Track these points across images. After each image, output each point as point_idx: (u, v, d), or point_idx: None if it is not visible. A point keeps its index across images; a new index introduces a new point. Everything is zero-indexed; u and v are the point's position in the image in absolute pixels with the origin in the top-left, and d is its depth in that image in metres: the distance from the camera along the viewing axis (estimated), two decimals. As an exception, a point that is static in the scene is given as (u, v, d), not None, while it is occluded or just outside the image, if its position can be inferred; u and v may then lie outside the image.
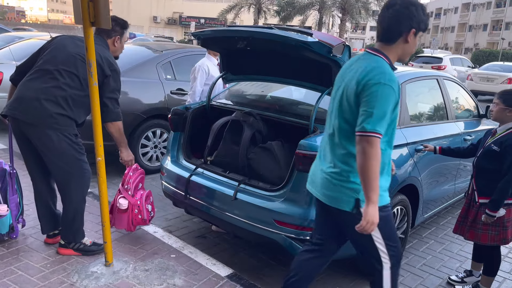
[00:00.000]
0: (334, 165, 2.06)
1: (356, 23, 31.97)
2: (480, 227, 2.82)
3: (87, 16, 2.32)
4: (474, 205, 2.87)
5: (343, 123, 2.00)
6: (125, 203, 3.06)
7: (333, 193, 2.05)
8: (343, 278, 3.12)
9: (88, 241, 2.99)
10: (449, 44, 66.04)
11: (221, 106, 3.50)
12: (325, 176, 2.09)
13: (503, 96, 2.81)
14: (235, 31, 2.98)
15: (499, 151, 2.72)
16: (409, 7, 1.94)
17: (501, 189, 2.68)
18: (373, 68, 1.90)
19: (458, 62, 18.55)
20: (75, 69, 2.69)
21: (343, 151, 2.02)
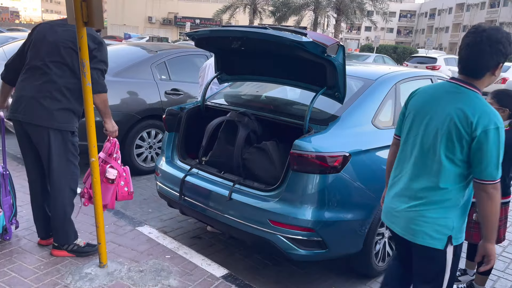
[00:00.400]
0: (422, 199, 1.95)
1: (351, 23, 32.02)
2: (472, 226, 2.84)
3: (80, 16, 2.30)
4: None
5: (447, 163, 1.87)
6: (114, 173, 2.92)
7: (421, 228, 1.95)
8: (338, 278, 3.12)
9: (81, 242, 2.98)
10: (444, 44, 66.34)
11: (215, 106, 3.49)
12: (409, 210, 1.98)
13: (497, 96, 2.82)
14: (229, 31, 2.98)
15: None
16: (497, 44, 1.82)
17: None
18: (484, 111, 1.81)
19: (453, 62, 18.63)
20: (60, 57, 2.68)
21: (441, 187, 1.90)
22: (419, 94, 2.07)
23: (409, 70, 3.84)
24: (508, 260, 3.60)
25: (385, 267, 3.20)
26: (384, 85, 3.22)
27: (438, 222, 1.92)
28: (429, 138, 1.91)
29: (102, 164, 2.93)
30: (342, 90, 2.82)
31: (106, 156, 2.98)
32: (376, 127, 3.00)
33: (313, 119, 2.81)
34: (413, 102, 2.06)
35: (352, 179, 2.70)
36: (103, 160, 2.96)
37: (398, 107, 3.26)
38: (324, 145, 2.64)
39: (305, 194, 2.61)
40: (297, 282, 3.03)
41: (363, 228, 2.83)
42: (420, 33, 75.43)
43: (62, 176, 2.80)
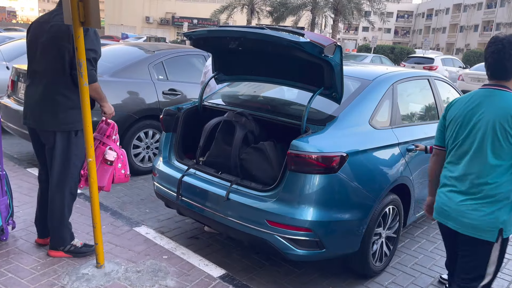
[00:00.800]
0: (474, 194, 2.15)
1: (349, 23, 32.08)
2: None
3: (77, 16, 2.30)
4: None
5: (496, 159, 2.09)
6: (114, 155, 2.91)
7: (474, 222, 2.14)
8: (335, 278, 3.12)
9: (78, 242, 2.97)
10: (441, 44, 66.51)
11: (213, 107, 3.49)
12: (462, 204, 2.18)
13: None
14: (227, 31, 2.97)
15: None
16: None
17: None
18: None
19: (450, 63, 18.72)
20: (54, 57, 2.67)
21: (491, 182, 2.10)
22: (457, 104, 2.28)
23: (406, 70, 3.85)
24: (505, 260, 3.61)
25: (382, 267, 3.21)
26: (381, 85, 3.22)
27: (490, 215, 2.10)
28: (476, 139, 2.14)
29: (101, 146, 2.93)
30: (339, 90, 2.82)
31: (104, 137, 2.96)
32: (374, 127, 3.00)
33: (310, 119, 2.81)
34: (452, 112, 2.28)
35: (350, 179, 2.70)
36: (102, 142, 2.95)
37: (395, 107, 3.27)
38: (321, 145, 2.64)
39: (303, 194, 2.61)
40: (294, 282, 3.03)
41: (360, 228, 2.83)
42: (418, 34, 75.59)
43: (63, 178, 2.80)
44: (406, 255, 3.58)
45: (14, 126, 4.80)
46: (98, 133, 2.97)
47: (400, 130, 3.23)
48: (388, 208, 3.07)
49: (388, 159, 3.04)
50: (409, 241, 3.84)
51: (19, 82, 4.93)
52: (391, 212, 3.13)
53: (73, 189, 2.88)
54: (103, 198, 4.07)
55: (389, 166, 3.04)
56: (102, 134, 2.97)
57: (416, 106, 3.87)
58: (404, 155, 3.16)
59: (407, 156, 3.19)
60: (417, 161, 3.33)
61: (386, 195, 2.99)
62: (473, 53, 32.49)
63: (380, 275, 3.20)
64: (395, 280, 3.16)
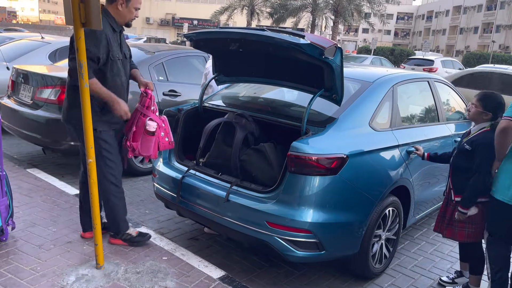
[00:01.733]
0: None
1: (349, 25, 32.11)
2: (456, 225, 2.88)
3: (78, 17, 2.30)
4: (451, 203, 2.92)
5: None
6: (154, 125, 2.99)
7: None
8: (335, 279, 3.12)
9: (134, 231, 3.16)
10: (441, 46, 66.58)
11: (213, 108, 3.49)
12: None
13: (483, 100, 2.82)
14: (227, 32, 2.98)
15: (470, 150, 2.78)
16: None
17: (471, 187, 2.73)
18: None
19: (449, 65, 18.72)
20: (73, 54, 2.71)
21: None
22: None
23: (406, 72, 3.85)
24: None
25: (382, 269, 3.21)
26: (381, 87, 3.23)
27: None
28: None
29: (141, 117, 3.00)
30: (339, 92, 2.83)
31: (144, 109, 3.01)
32: (374, 129, 3.00)
33: (310, 120, 2.81)
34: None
35: (350, 181, 2.71)
36: (142, 113, 3.01)
37: (395, 109, 3.27)
38: (321, 147, 2.64)
39: (303, 196, 2.61)
40: (294, 283, 3.03)
41: (360, 230, 2.83)
42: (417, 35, 75.66)
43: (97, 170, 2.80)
44: (406, 257, 3.58)
45: (14, 127, 4.79)
46: (139, 104, 3.05)
47: (400, 132, 3.23)
48: (388, 210, 3.07)
49: (388, 161, 3.04)
50: (408, 243, 3.84)
51: (19, 83, 4.93)
52: (391, 214, 3.13)
53: (112, 178, 2.99)
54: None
55: (389, 168, 3.04)
56: (142, 105, 3.03)
57: (416, 108, 3.87)
58: (404, 157, 3.16)
59: (407, 158, 3.19)
60: (417, 163, 3.33)
61: (386, 196, 2.99)
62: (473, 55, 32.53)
63: (379, 277, 3.20)
64: (395, 282, 3.16)
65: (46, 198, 3.90)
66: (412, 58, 19.78)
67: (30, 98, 4.68)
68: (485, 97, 2.85)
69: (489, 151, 2.67)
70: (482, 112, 2.81)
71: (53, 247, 3.03)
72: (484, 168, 2.70)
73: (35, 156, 5.42)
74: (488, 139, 2.70)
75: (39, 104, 4.55)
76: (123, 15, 2.88)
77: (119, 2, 2.83)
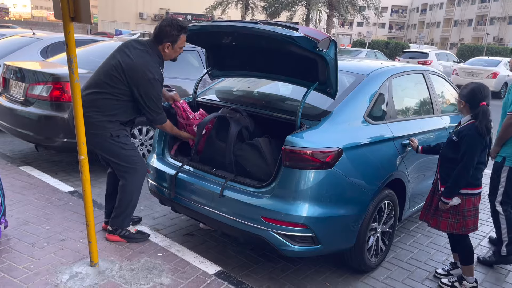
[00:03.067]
0: None
1: (343, 19, 32.00)
2: (441, 215, 2.93)
3: (67, 11, 2.26)
4: (437, 193, 2.96)
5: None
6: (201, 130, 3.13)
7: None
8: (331, 273, 3.12)
9: (133, 229, 3.15)
10: (435, 39, 66.64)
11: (207, 103, 3.46)
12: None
13: (461, 91, 2.91)
14: (220, 26, 2.94)
15: (457, 141, 2.82)
16: None
17: (455, 176, 2.78)
18: None
19: (444, 57, 18.74)
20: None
21: None
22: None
23: (401, 65, 3.83)
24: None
25: (378, 262, 3.21)
26: (376, 80, 3.21)
27: None
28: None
29: (188, 128, 3.22)
30: (334, 85, 2.80)
31: (186, 121, 3.20)
32: (368, 122, 2.99)
33: (305, 114, 2.79)
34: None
35: (345, 175, 2.69)
36: (186, 124, 3.21)
37: (390, 102, 3.25)
38: (316, 141, 2.62)
39: (298, 190, 2.59)
40: (290, 278, 3.02)
41: (356, 224, 2.82)
42: (412, 28, 75.67)
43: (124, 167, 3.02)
44: (402, 249, 3.58)
45: (6, 124, 4.74)
46: (180, 118, 3.24)
47: (395, 125, 3.22)
48: (384, 203, 3.06)
49: (383, 154, 3.03)
50: (404, 236, 3.85)
51: (11, 80, 4.87)
52: (386, 207, 3.13)
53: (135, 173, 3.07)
54: (97, 196, 4.04)
55: (384, 161, 3.03)
56: (183, 118, 3.21)
57: (411, 100, 3.86)
58: (399, 150, 3.15)
59: (402, 151, 3.18)
60: (413, 156, 3.32)
61: (382, 190, 2.98)
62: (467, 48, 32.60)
63: (376, 270, 3.20)
64: (391, 275, 3.16)
65: (39, 195, 3.86)
66: (407, 51, 19.77)
67: (21, 95, 4.62)
68: (463, 88, 2.92)
69: (474, 142, 2.71)
70: (460, 101, 2.89)
71: (46, 245, 3.01)
72: (468, 158, 2.72)
73: (28, 154, 5.37)
74: (472, 130, 2.73)
75: (31, 101, 4.49)
76: (169, 55, 3.02)
77: (166, 45, 2.95)
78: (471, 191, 2.85)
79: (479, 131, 2.72)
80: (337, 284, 3.00)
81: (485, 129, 2.72)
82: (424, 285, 3.07)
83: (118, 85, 2.84)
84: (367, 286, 3.00)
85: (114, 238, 3.13)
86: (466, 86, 2.89)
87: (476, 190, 2.87)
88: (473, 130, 2.74)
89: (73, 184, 4.27)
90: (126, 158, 2.99)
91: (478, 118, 2.75)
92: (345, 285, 2.99)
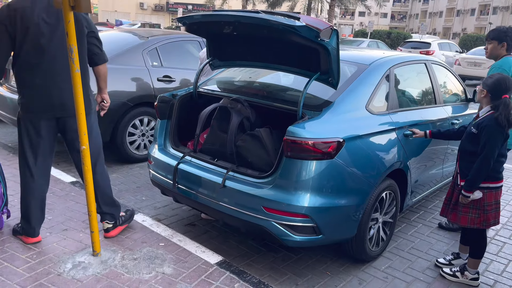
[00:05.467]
0: None
1: (345, 8, 31.77)
2: (460, 209, 2.87)
3: (67, 0, 2.24)
4: (457, 188, 2.92)
5: None
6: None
7: None
8: (332, 263, 3.13)
9: (121, 213, 3.16)
10: (437, 29, 66.16)
11: (208, 93, 3.45)
12: None
13: (485, 81, 2.82)
14: (221, 15, 2.92)
15: (477, 133, 2.77)
16: None
17: (475, 169, 2.73)
18: None
19: (446, 47, 18.62)
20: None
21: None
22: None
23: (403, 55, 3.80)
24: (501, 244, 3.64)
25: (379, 252, 3.22)
26: (378, 70, 3.19)
27: None
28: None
29: None
30: (335, 75, 2.79)
31: None
32: (370, 112, 2.98)
33: (306, 105, 2.78)
34: None
35: (346, 165, 2.69)
36: None
37: (392, 92, 3.24)
38: (317, 131, 2.62)
39: (299, 180, 2.60)
40: (292, 267, 3.04)
41: (357, 214, 2.83)
42: (414, 18, 75.10)
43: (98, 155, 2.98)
44: (403, 239, 3.59)
45: (7, 115, 4.74)
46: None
47: (397, 115, 3.21)
48: (385, 193, 3.06)
49: (385, 144, 3.02)
50: (405, 226, 3.86)
51: (11, 70, 4.85)
52: (387, 197, 3.13)
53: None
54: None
55: (386, 151, 3.02)
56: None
57: (413, 90, 3.84)
58: (401, 140, 3.14)
59: (403, 141, 3.17)
60: (414, 146, 3.32)
61: (383, 180, 2.99)
62: (469, 37, 32.34)
63: (377, 259, 3.21)
64: (392, 265, 3.18)
65: (41, 186, 3.86)
66: (409, 41, 19.63)
67: (22, 86, 4.60)
68: (487, 78, 2.84)
69: (494, 133, 2.67)
70: (482, 90, 2.81)
71: (49, 235, 3.02)
72: (488, 151, 2.69)
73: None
74: (492, 121, 2.68)
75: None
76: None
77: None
78: (492, 185, 2.80)
79: (499, 122, 2.66)
80: (338, 273, 3.01)
81: (505, 120, 2.65)
82: (425, 275, 3.09)
83: None
84: (368, 275, 3.01)
85: (117, 231, 3.08)
86: (492, 76, 2.81)
87: (497, 183, 2.82)
88: (493, 121, 2.68)
89: (75, 175, 4.28)
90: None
91: (498, 109, 2.68)
92: (346, 274, 3.01)
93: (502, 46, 3.41)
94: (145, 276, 2.62)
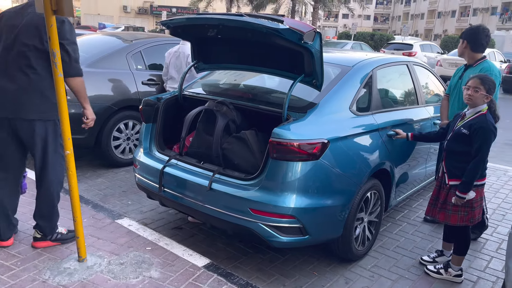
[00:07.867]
0: None
1: (329, 11, 32.07)
2: (450, 209, 2.92)
3: (49, 4, 2.22)
4: (445, 187, 2.96)
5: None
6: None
7: None
8: (319, 263, 3.16)
9: (63, 229, 3.00)
10: (419, 30, 67.15)
11: (193, 96, 3.45)
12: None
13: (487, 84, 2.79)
14: (205, 18, 2.93)
15: (468, 134, 2.80)
16: None
17: (472, 171, 2.77)
18: None
19: (428, 48, 18.95)
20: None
21: None
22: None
23: (386, 56, 3.87)
24: (484, 241, 3.71)
25: (365, 251, 3.26)
26: (361, 71, 3.24)
27: None
28: None
29: None
30: (319, 77, 2.82)
31: None
32: (354, 114, 3.02)
33: (291, 106, 2.81)
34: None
35: (331, 166, 2.72)
36: None
37: (375, 93, 3.29)
38: (303, 133, 2.64)
39: (285, 181, 2.62)
40: (279, 268, 3.05)
41: (342, 214, 2.86)
42: (397, 20, 76.13)
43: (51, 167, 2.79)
44: (388, 238, 3.64)
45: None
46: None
47: (380, 116, 3.26)
48: (370, 193, 3.10)
49: (369, 145, 3.07)
50: (390, 225, 3.91)
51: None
52: (372, 197, 3.17)
53: (61, 177, 2.89)
54: (84, 191, 4.01)
55: (370, 151, 3.07)
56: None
57: (396, 91, 3.91)
58: (384, 140, 3.19)
59: (387, 141, 3.22)
60: (398, 146, 3.37)
61: (368, 180, 3.03)
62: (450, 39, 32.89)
63: (363, 259, 3.25)
64: (378, 263, 3.22)
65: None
66: (392, 43, 19.94)
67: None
68: (486, 79, 2.82)
69: (489, 135, 2.72)
70: (485, 95, 2.80)
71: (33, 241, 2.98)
72: (484, 152, 2.75)
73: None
74: (486, 123, 2.74)
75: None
76: None
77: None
78: (479, 182, 2.86)
79: (492, 121, 2.73)
80: (325, 273, 3.04)
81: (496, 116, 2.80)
82: (410, 272, 3.14)
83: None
84: (355, 274, 3.05)
85: (44, 244, 2.91)
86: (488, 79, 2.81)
87: (483, 181, 2.89)
88: (486, 122, 2.73)
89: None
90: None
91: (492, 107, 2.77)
92: (333, 274, 3.03)
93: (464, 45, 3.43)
94: (132, 281, 2.60)
